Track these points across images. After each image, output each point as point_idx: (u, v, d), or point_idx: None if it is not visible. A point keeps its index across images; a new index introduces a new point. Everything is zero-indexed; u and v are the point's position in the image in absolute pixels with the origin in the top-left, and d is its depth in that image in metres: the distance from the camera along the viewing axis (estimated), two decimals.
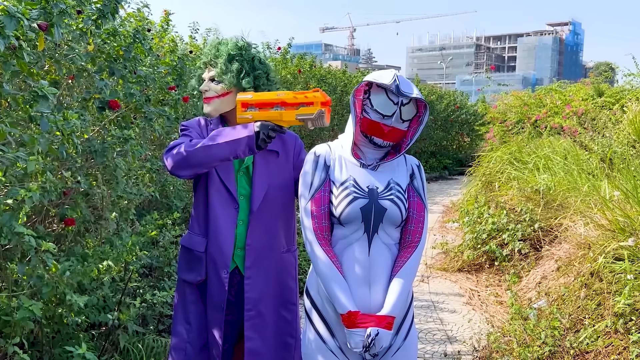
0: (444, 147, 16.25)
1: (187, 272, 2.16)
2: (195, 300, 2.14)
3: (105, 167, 2.60)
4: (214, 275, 2.10)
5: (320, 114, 1.91)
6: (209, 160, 1.96)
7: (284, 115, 1.93)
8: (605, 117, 8.09)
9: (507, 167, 7.19)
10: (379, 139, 1.88)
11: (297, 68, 8.16)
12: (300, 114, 1.92)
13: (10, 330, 2.08)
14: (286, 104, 1.93)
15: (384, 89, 1.84)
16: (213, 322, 2.11)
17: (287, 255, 2.21)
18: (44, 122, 1.89)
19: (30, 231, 1.91)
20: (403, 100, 1.84)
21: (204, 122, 2.20)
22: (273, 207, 2.14)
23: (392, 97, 1.84)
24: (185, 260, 2.17)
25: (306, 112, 1.92)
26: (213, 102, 2.13)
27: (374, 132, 1.87)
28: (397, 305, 1.81)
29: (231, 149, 1.93)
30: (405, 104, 1.85)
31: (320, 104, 1.91)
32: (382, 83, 1.82)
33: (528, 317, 3.62)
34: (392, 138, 1.88)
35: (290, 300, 2.22)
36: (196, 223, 2.16)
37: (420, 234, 1.91)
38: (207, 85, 2.14)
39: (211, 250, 2.11)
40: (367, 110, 1.87)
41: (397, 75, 1.85)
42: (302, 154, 2.24)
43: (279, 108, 1.93)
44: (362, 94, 1.89)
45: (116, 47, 2.70)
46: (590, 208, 4.53)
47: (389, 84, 1.82)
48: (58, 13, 1.97)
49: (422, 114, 1.90)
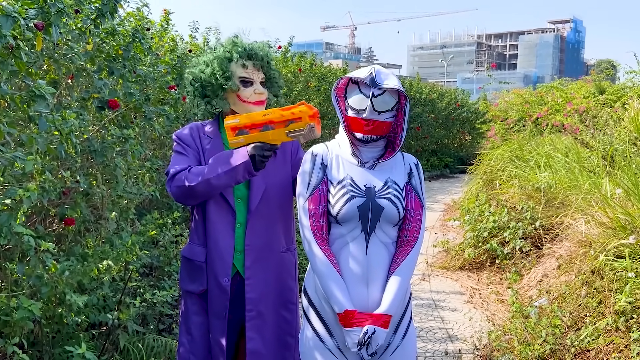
0: (445, 146, 16.24)
1: (189, 283, 2.15)
2: (197, 311, 2.14)
3: (105, 167, 2.60)
4: (214, 285, 2.10)
5: (310, 128, 1.93)
6: (211, 191, 2.01)
7: (275, 134, 1.94)
8: (607, 115, 8.07)
9: (508, 165, 7.18)
10: (359, 133, 1.88)
11: (298, 67, 8.16)
12: (291, 131, 1.94)
13: (9, 330, 2.08)
14: (274, 122, 1.93)
15: (357, 84, 1.87)
16: (215, 330, 2.11)
17: (286, 255, 2.21)
18: (42, 122, 1.89)
19: (29, 231, 1.91)
20: (374, 92, 1.84)
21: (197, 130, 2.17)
22: (271, 206, 2.13)
23: (364, 91, 1.86)
24: (187, 271, 2.17)
25: (296, 128, 1.93)
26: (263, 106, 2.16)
27: (354, 128, 1.89)
28: (394, 304, 1.81)
29: (230, 177, 1.97)
30: (378, 95, 1.85)
31: (309, 118, 1.92)
32: (357, 77, 1.85)
33: (529, 316, 3.61)
34: (374, 132, 1.87)
35: (290, 300, 2.22)
36: (195, 233, 2.16)
37: (418, 232, 1.91)
38: (261, 88, 2.15)
39: (211, 260, 2.10)
40: (347, 108, 1.90)
41: (374, 69, 1.87)
42: (300, 153, 2.24)
43: (268, 128, 1.94)
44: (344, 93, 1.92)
45: (115, 46, 2.70)
46: (591, 206, 4.52)
47: (363, 77, 1.84)
48: (56, 12, 1.97)
49: (403, 105, 1.90)
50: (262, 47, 2.17)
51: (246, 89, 2.11)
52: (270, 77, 2.20)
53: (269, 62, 2.17)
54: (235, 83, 2.10)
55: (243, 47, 2.13)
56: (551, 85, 11.68)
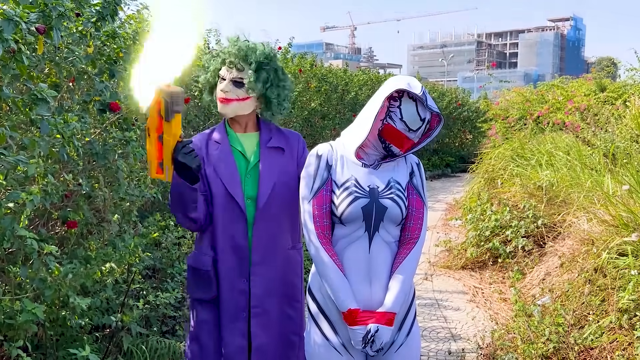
0: (446, 145, 16.23)
1: (197, 290, 2.15)
2: (206, 319, 2.14)
3: (107, 169, 2.60)
4: (229, 289, 2.09)
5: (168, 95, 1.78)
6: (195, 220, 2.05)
7: (168, 133, 1.83)
8: (608, 113, 8.06)
9: (510, 163, 7.17)
10: (397, 148, 1.88)
11: (298, 67, 8.16)
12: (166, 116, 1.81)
13: (13, 334, 2.08)
14: (159, 129, 1.84)
15: (414, 102, 1.84)
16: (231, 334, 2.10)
17: (292, 252, 2.21)
18: (44, 125, 1.89)
19: (32, 234, 1.92)
20: (427, 117, 1.86)
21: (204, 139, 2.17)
22: (279, 204, 2.13)
23: (421, 112, 1.84)
24: (194, 280, 2.16)
25: (165, 110, 1.80)
26: (231, 105, 2.10)
27: (394, 140, 1.87)
28: (397, 302, 1.83)
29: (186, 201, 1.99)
30: (429, 121, 1.87)
31: (159, 93, 1.79)
32: (415, 93, 1.81)
33: (532, 314, 3.61)
34: (407, 148, 1.90)
35: (295, 298, 2.22)
36: (204, 241, 2.15)
37: (420, 230, 1.93)
38: (228, 86, 2.11)
39: (223, 264, 2.10)
40: (394, 119, 1.85)
41: (423, 87, 1.86)
42: (306, 152, 2.23)
43: (160, 138, 1.84)
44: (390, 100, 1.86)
45: (116, 49, 2.70)
46: (593, 204, 4.51)
47: (420, 95, 1.81)
48: (57, 16, 1.97)
49: (434, 127, 1.92)
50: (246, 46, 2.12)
51: (218, 85, 2.15)
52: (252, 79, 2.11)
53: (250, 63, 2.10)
54: (206, 77, 2.18)
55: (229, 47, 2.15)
56: (552, 83, 11.67)
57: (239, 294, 2.10)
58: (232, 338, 2.10)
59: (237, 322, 2.10)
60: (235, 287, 2.10)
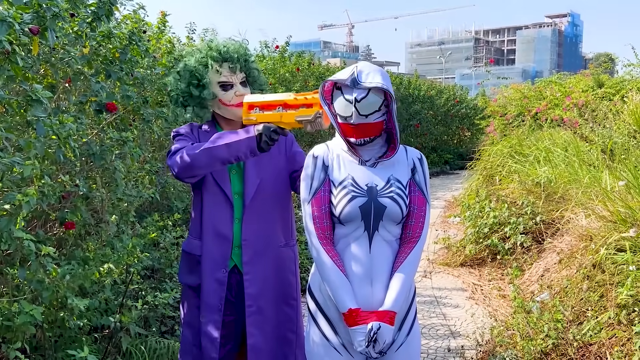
0: (445, 142, 16.23)
1: (187, 276, 2.17)
2: (197, 304, 2.15)
3: (104, 170, 2.59)
4: (209, 276, 2.10)
5: (317, 116, 1.92)
6: (211, 162, 1.95)
7: (284, 117, 1.94)
8: (606, 108, 8.06)
9: (508, 160, 7.17)
10: (352, 137, 1.85)
11: (296, 66, 8.15)
12: (300, 115, 1.93)
13: (12, 335, 2.08)
14: (287, 106, 1.94)
15: (339, 90, 1.82)
16: (208, 323, 2.11)
17: (285, 250, 2.20)
18: (40, 127, 1.89)
19: (30, 235, 1.91)
20: (357, 96, 1.78)
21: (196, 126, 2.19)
22: (267, 200, 2.13)
23: (347, 96, 1.80)
24: (186, 264, 2.18)
25: (305, 114, 1.92)
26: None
27: (346, 133, 1.86)
28: (398, 301, 1.81)
29: (231, 151, 1.92)
30: (361, 98, 1.78)
31: (319, 106, 1.90)
32: (338, 79, 1.80)
33: (531, 311, 3.61)
34: (365, 134, 1.84)
35: (291, 296, 2.21)
36: (194, 226, 2.17)
37: (421, 229, 1.89)
38: (242, 89, 2.13)
39: (207, 252, 2.11)
40: (336, 114, 1.87)
41: (357, 68, 1.81)
42: (295, 146, 2.23)
43: (280, 109, 1.94)
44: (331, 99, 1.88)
45: (112, 49, 2.69)
46: (591, 200, 4.52)
47: (345, 79, 1.79)
48: (51, 17, 1.96)
49: (390, 101, 1.83)
50: (237, 47, 2.14)
51: (227, 92, 2.10)
52: (250, 75, 2.19)
53: (246, 60, 2.15)
54: (210, 92, 2.08)
55: (218, 50, 2.10)
56: (550, 79, 11.66)
57: (217, 284, 2.10)
58: (206, 328, 2.10)
59: (212, 314, 2.10)
60: (213, 276, 2.10)
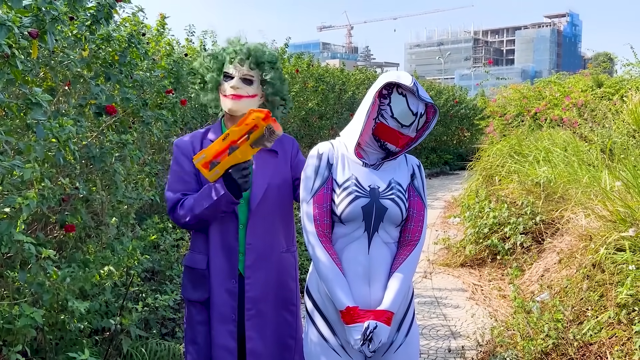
0: (444, 143, 16.24)
1: (192, 292, 2.15)
2: (202, 321, 2.14)
3: (104, 173, 2.60)
4: (219, 290, 2.10)
5: (269, 130, 1.92)
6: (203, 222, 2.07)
7: (241, 152, 1.96)
8: (605, 108, 8.07)
9: (508, 160, 7.18)
10: (392, 145, 1.88)
11: (295, 67, 8.16)
12: (253, 141, 1.94)
13: (12, 338, 2.08)
14: (235, 141, 1.95)
15: (404, 96, 1.83)
16: (221, 336, 2.10)
17: (286, 255, 2.21)
18: (39, 130, 1.89)
19: (30, 238, 1.91)
20: (420, 111, 1.85)
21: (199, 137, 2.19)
22: (272, 206, 2.14)
23: (412, 107, 1.83)
24: (190, 280, 2.16)
25: (257, 136, 1.93)
26: (242, 101, 2.13)
27: (388, 138, 1.87)
28: (395, 301, 1.82)
29: (215, 210, 2.02)
30: (422, 115, 1.86)
31: (263, 122, 1.91)
32: (405, 85, 1.81)
33: (531, 311, 3.62)
34: (403, 144, 1.90)
35: (291, 301, 2.22)
36: (197, 242, 2.16)
37: (420, 232, 1.93)
38: (239, 82, 2.13)
39: (215, 266, 2.10)
40: (385, 116, 1.85)
41: (413, 78, 1.85)
42: (300, 155, 2.25)
43: (234, 148, 1.95)
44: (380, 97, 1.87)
45: (111, 52, 2.70)
46: (591, 199, 4.52)
47: (410, 86, 1.81)
48: (50, 20, 1.97)
49: (430, 120, 1.91)
50: (255, 46, 2.17)
51: (226, 82, 2.15)
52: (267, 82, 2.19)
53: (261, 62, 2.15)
54: (212, 77, 2.17)
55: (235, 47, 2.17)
56: (549, 79, 11.68)
57: (228, 295, 2.10)
58: (221, 340, 2.10)
59: (226, 324, 2.10)
60: (224, 288, 2.10)
